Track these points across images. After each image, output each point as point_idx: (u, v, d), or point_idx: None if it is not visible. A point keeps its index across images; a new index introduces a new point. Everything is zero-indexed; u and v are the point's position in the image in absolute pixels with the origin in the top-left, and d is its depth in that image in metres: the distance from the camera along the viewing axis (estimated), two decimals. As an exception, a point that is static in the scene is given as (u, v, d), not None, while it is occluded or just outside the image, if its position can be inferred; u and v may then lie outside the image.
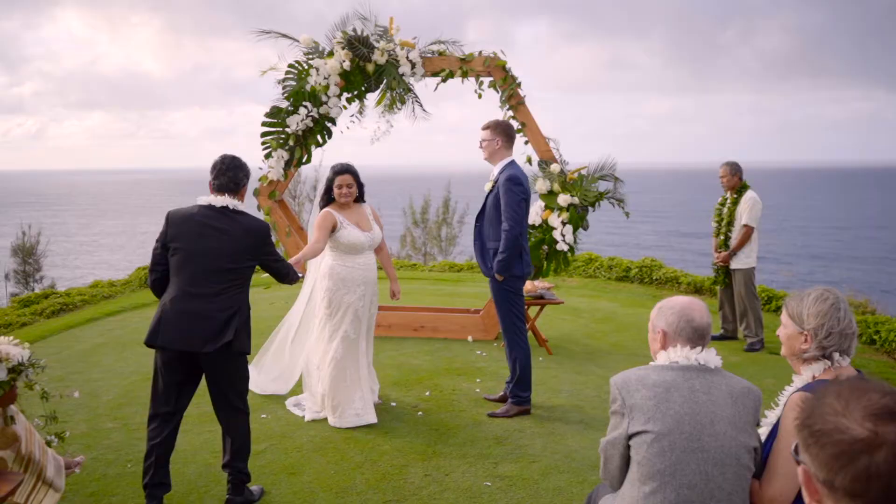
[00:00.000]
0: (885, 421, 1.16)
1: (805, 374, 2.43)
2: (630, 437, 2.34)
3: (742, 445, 2.29)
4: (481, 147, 5.33)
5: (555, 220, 6.90)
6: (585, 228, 7.00)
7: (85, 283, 11.41)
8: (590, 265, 11.77)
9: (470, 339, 7.38)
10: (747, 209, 7.19)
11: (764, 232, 8.56)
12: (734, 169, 7.37)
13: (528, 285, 6.85)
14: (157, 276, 3.83)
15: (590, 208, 6.98)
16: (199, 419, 5.05)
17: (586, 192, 6.89)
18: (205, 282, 3.69)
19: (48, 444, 3.71)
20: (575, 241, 6.99)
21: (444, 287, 10.93)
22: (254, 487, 3.98)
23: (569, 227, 6.83)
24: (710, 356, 2.42)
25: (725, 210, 7.44)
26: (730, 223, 7.36)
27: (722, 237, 7.43)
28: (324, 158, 7.54)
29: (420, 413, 5.25)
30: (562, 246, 6.82)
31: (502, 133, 5.22)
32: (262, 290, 10.32)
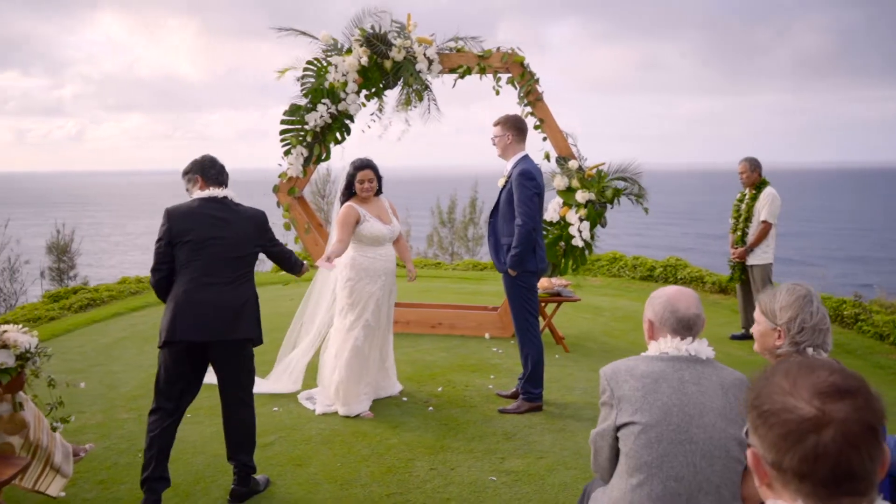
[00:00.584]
0: (833, 399, 1.12)
1: None
2: (618, 428, 2.31)
3: (732, 437, 2.24)
4: (494, 143, 5.31)
5: (572, 216, 6.84)
6: (603, 225, 6.94)
7: (116, 280, 11.61)
8: (614, 264, 11.66)
9: (487, 336, 7.35)
10: (766, 205, 7.12)
11: (797, 234, 8.42)
12: (753, 165, 7.29)
13: (545, 282, 6.81)
14: (164, 273, 3.80)
15: (608, 205, 6.92)
16: (211, 411, 5.10)
17: (604, 189, 6.83)
18: (218, 271, 3.72)
19: (53, 429, 3.78)
20: (592, 238, 6.93)
21: (466, 285, 10.91)
22: (259, 477, 4.00)
23: (586, 224, 6.78)
24: (701, 347, 2.37)
25: (744, 206, 7.38)
26: (748, 219, 7.31)
27: (739, 233, 7.37)
28: (346, 156, 7.59)
29: (431, 408, 5.24)
30: (578, 242, 6.76)
31: (513, 128, 5.19)
32: (281, 286, 10.42)
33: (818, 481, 1.10)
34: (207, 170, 3.93)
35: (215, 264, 3.72)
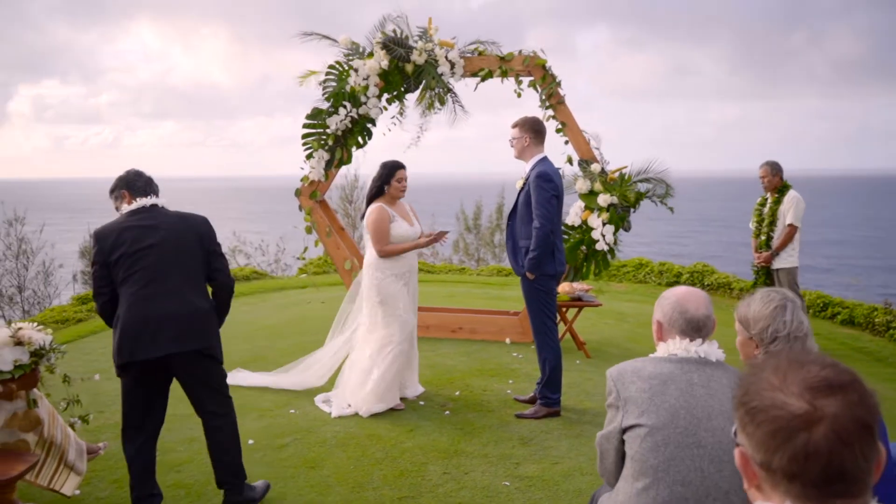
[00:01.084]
0: (825, 394, 1.05)
1: None
2: (624, 430, 2.24)
3: (742, 442, 2.16)
4: (511, 145, 5.27)
5: (594, 220, 6.76)
6: (627, 229, 6.84)
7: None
8: (640, 270, 11.52)
9: (508, 341, 7.29)
10: (791, 208, 6.96)
11: (834, 242, 8.17)
12: (775, 169, 7.15)
13: (566, 287, 6.73)
14: (106, 297, 3.52)
15: (631, 209, 6.83)
16: (229, 412, 5.11)
17: (627, 192, 6.73)
18: (157, 281, 3.45)
19: (71, 426, 3.80)
20: (616, 242, 6.84)
21: (490, 290, 10.85)
22: (257, 483, 3.85)
23: (609, 228, 6.69)
24: (711, 349, 2.30)
25: (767, 210, 7.23)
26: (772, 223, 7.15)
27: (763, 237, 7.21)
28: (368, 160, 7.61)
29: (447, 412, 5.20)
30: (601, 246, 6.68)
31: (530, 129, 5.13)
32: (312, 290, 10.46)
33: (808, 482, 1.04)
34: (133, 183, 3.70)
35: (153, 275, 3.44)
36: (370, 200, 5.33)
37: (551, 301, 5.16)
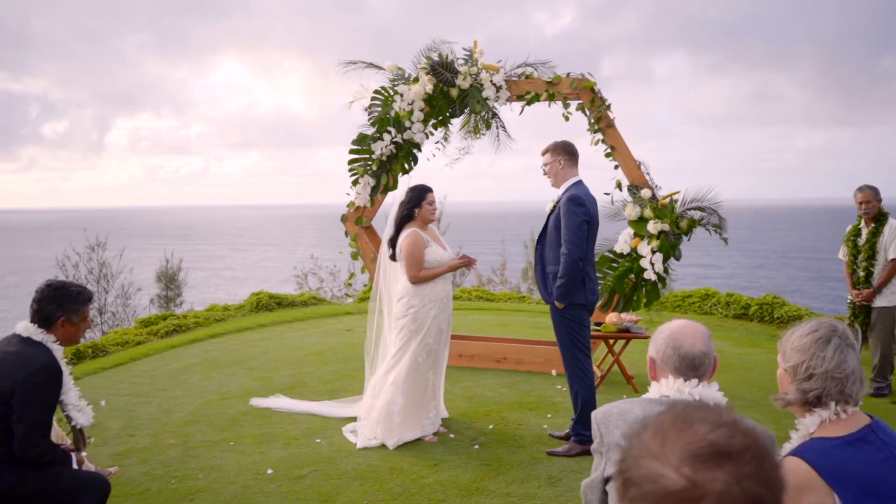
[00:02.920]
0: (710, 464, 0.83)
1: (801, 430, 1.98)
2: (606, 480, 2.01)
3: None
4: (545, 173, 5.07)
5: (644, 248, 6.45)
6: (678, 258, 6.49)
7: (204, 307, 11.97)
8: (706, 301, 10.98)
9: (554, 372, 7.00)
10: (894, 240, 6.22)
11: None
12: (877, 193, 6.38)
13: (614, 318, 6.43)
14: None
15: (683, 237, 6.48)
16: (255, 440, 5.05)
17: (679, 219, 6.40)
18: None
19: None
20: (666, 271, 6.50)
21: (545, 320, 10.50)
22: None
23: (658, 256, 6.36)
24: (707, 391, 2.04)
25: (863, 241, 6.45)
26: (870, 256, 6.38)
27: (862, 272, 6.43)
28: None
29: (476, 447, 4.98)
30: (650, 275, 6.35)
31: (563, 152, 4.93)
32: (356, 317, 10.41)
33: None
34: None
35: None
36: (400, 226, 5.20)
37: (583, 332, 4.89)
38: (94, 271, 18.81)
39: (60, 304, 3.20)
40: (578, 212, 4.69)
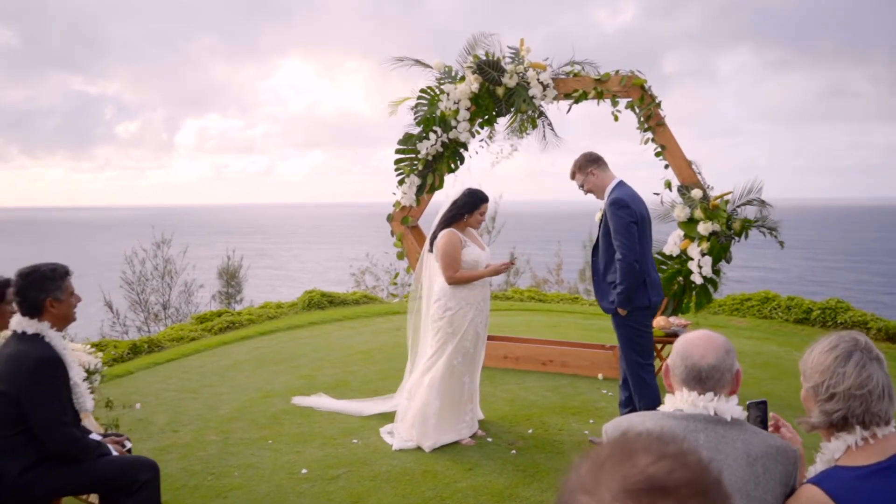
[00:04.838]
0: (642, 501, 0.75)
1: (826, 455, 1.83)
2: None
3: (752, 520, 1.77)
4: (585, 192, 4.94)
5: (693, 250, 6.24)
6: (728, 261, 6.26)
7: (258, 304, 12.18)
8: (766, 305, 10.59)
9: (600, 376, 6.84)
10: None
11: None
12: None
13: (662, 321, 6.24)
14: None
15: (735, 238, 6.25)
16: (293, 438, 5.08)
17: (730, 220, 6.17)
18: None
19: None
20: (717, 274, 6.27)
21: (597, 321, 10.33)
22: None
23: (707, 259, 6.14)
24: (726, 406, 1.92)
25: None
26: None
27: None
28: (458, 185, 7.44)
29: (514, 451, 4.89)
30: (696, 278, 6.14)
31: (588, 163, 4.81)
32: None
33: None
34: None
35: None
36: (445, 226, 5.14)
37: (646, 339, 4.72)
38: (158, 267, 19.37)
39: (40, 287, 3.15)
40: (623, 214, 4.55)
